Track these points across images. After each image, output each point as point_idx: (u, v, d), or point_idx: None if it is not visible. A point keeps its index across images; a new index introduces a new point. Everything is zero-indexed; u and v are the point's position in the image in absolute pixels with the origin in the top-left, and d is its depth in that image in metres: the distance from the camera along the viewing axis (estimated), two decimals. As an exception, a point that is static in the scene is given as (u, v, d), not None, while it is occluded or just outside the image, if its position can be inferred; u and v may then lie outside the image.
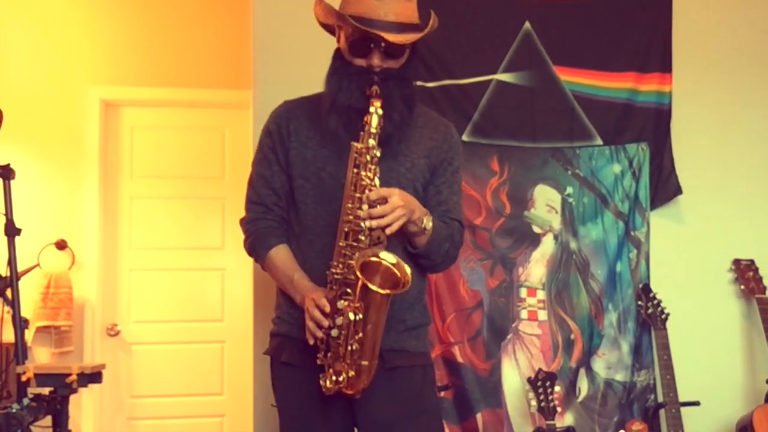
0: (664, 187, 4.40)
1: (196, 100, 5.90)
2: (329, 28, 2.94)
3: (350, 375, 2.63)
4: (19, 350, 3.63)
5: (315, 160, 2.86)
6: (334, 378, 2.66)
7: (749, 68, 4.57)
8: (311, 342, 2.66)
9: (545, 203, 4.30)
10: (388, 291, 2.59)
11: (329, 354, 2.66)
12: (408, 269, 2.64)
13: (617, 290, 4.28)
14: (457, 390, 4.11)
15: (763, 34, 4.60)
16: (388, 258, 2.65)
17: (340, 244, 2.68)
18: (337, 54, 2.86)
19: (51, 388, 3.39)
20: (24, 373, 3.32)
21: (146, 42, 5.84)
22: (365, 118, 2.68)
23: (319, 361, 2.68)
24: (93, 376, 3.52)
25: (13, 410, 3.04)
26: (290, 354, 2.85)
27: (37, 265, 5.18)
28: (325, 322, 2.61)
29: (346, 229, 2.67)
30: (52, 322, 5.40)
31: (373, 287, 2.56)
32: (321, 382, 2.68)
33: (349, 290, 2.63)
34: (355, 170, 2.68)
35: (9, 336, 3.77)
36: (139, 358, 5.81)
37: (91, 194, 5.70)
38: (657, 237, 4.37)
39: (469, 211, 4.15)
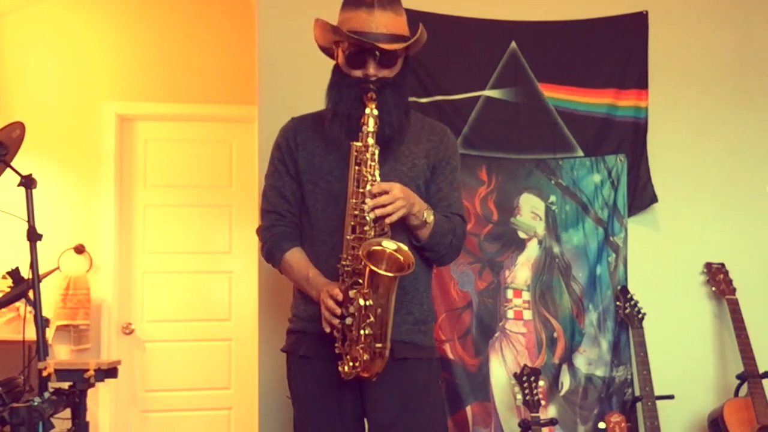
0: (641, 195, 4.40)
1: (205, 115, 5.92)
2: (329, 52, 2.98)
3: (365, 359, 2.64)
4: (41, 347, 3.62)
5: (322, 166, 2.90)
6: (351, 363, 2.67)
7: (720, 85, 4.58)
8: (327, 330, 2.69)
9: (530, 211, 4.30)
10: (393, 273, 2.60)
11: (346, 343, 2.68)
12: (410, 252, 2.66)
13: (597, 292, 4.28)
14: (448, 384, 4.10)
15: (732, 53, 4.61)
16: (389, 245, 2.67)
17: (348, 237, 2.71)
18: (336, 69, 2.91)
19: (70, 383, 3.39)
20: (45, 368, 3.32)
21: (159, 61, 5.86)
22: (362, 119, 2.73)
23: (337, 350, 2.70)
24: (109, 372, 3.52)
25: (35, 403, 3.04)
26: (308, 348, 2.88)
27: (57, 268, 5.19)
28: (338, 310, 2.64)
29: (352, 224, 2.71)
30: (71, 321, 5.42)
31: (380, 271, 2.58)
32: (339, 368, 2.70)
33: (360, 280, 2.65)
34: (357, 168, 2.73)
35: (31, 334, 3.77)
36: (152, 354, 5.82)
37: (107, 202, 5.72)
38: (634, 242, 4.37)
39: (460, 218, 4.16)
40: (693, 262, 4.45)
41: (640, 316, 4.15)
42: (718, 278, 4.35)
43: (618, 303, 4.23)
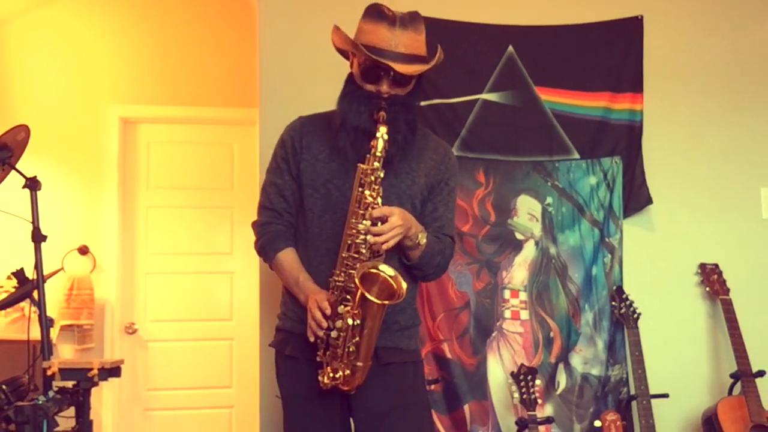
0: (636, 197, 4.41)
1: (207, 118, 5.93)
2: (344, 53, 2.96)
3: (346, 373, 2.66)
4: (45, 347, 3.63)
5: (324, 173, 2.89)
6: (331, 375, 2.69)
7: (714, 89, 4.59)
8: (312, 339, 2.70)
9: (527, 212, 4.30)
10: (384, 301, 2.61)
11: (328, 353, 2.68)
12: (404, 282, 2.67)
13: (593, 292, 4.28)
14: (447, 383, 4.11)
15: (726, 57, 4.62)
16: (386, 270, 2.68)
17: (343, 254, 2.71)
18: (350, 78, 2.90)
19: (74, 382, 3.39)
20: (49, 367, 3.32)
21: (161, 64, 5.87)
22: (372, 142, 2.71)
23: (318, 359, 2.71)
24: (112, 371, 3.52)
25: (40, 402, 3.05)
26: (293, 348, 2.88)
27: (62, 269, 5.17)
28: (325, 323, 2.64)
29: (348, 242, 2.70)
30: (75, 321, 5.42)
31: (371, 297, 2.58)
32: (319, 378, 2.71)
33: (348, 296, 2.66)
34: (360, 189, 2.71)
35: (36, 334, 3.77)
36: (154, 354, 5.83)
37: (110, 204, 5.72)
38: (629, 243, 4.38)
39: (458, 220, 4.13)
40: (687, 262, 4.46)
41: (635, 315, 4.16)
42: (712, 279, 4.35)
43: (613, 303, 4.23)
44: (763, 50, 4.67)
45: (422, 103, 4.16)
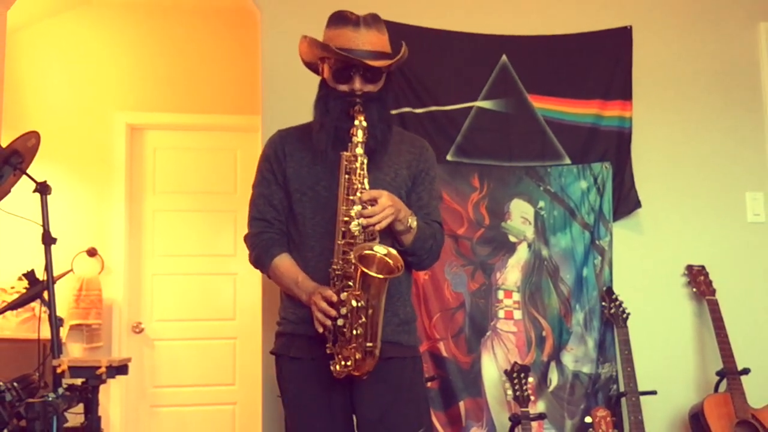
0: (625, 201, 4.42)
1: (211, 124, 5.94)
2: (313, 67, 2.98)
3: (357, 357, 2.64)
4: (55, 345, 3.62)
5: (310, 176, 2.89)
6: (343, 363, 2.67)
7: (700, 96, 4.61)
8: (320, 331, 2.68)
9: (520, 215, 4.31)
10: (384, 276, 2.61)
11: (337, 343, 2.68)
12: (399, 256, 2.66)
13: (584, 292, 4.29)
14: (442, 381, 4.11)
15: (712, 66, 4.64)
16: (380, 250, 2.66)
17: (339, 242, 2.70)
18: (322, 84, 2.91)
19: (83, 379, 3.39)
20: (59, 365, 3.32)
21: (167, 73, 5.89)
22: (351, 130, 2.73)
23: (328, 350, 2.70)
24: (120, 369, 3.52)
25: (50, 399, 3.04)
26: (297, 349, 2.86)
27: (71, 270, 5.18)
28: (333, 312, 2.63)
29: (343, 229, 2.70)
30: (83, 320, 5.44)
31: (371, 273, 2.57)
32: (331, 368, 2.69)
33: (350, 282, 2.65)
34: (347, 176, 2.72)
35: (46, 333, 3.77)
36: (160, 352, 5.83)
37: (118, 207, 5.74)
38: (619, 245, 4.38)
39: (453, 223, 4.17)
40: (675, 264, 4.47)
41: (624, 315, 4.16)
42: (698, 279, 4.36)
43: (603, 303, 4.24)
44: (747, 58, 4.69)
45: (419, 111, 4.21)
